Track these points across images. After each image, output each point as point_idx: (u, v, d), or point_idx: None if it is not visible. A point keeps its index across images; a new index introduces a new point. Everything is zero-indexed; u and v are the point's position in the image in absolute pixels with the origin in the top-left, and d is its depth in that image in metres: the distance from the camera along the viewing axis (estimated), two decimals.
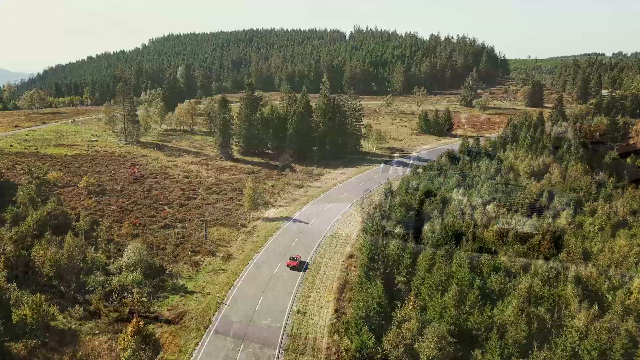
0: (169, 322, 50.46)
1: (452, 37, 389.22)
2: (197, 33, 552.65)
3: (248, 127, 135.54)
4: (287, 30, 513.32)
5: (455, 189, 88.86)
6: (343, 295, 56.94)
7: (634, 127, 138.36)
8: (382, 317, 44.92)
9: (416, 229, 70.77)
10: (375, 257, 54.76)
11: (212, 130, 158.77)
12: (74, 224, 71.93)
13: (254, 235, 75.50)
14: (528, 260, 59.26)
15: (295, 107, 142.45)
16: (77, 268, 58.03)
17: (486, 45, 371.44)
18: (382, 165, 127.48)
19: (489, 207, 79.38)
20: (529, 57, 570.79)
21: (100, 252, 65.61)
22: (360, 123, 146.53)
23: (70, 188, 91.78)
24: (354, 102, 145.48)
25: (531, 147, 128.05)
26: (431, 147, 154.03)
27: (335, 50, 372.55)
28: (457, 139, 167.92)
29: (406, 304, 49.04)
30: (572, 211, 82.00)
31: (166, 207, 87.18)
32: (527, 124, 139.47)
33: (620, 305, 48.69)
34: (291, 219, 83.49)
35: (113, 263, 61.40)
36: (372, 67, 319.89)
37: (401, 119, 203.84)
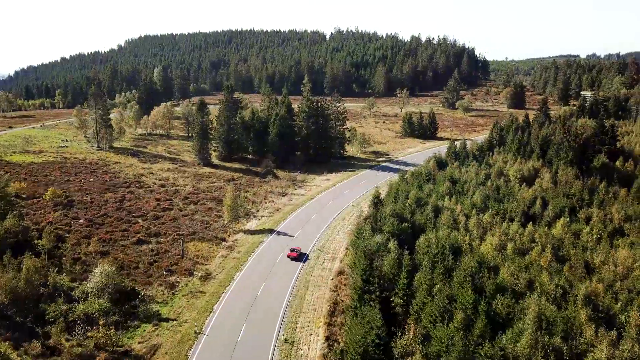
0: (139, 358, 44.68)
1: (433, 39, 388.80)
2: (174, 33, 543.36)
3: (227, 132, 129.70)
4: (266, 31, 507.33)
5: (446, 197, 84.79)
6: (334, 319, 51.93)
7: (620, 130, 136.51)
8: (382, 351, 40.07)
9: (410, 242, 66.41)
10: (370, 278, 49.89)
11: (190, 135, 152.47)
12: (36, 241, 65.43)
13: (235, 251, 70.00)
14: (531, 275, 55.24)
15: (277, 110, 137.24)
16: (37, 295, 51.87)
17: (467, 46, 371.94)
18: (368, 170, 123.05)
19: (484, 217, 75.41)
20: (506, 58, 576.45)
21: (64, 274, 59.34)
22: (344, 127, 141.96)
23: (34, 200, 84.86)
24: (338, 104, 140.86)
25: (519, 150, 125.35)
26: (416, 150, 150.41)
27: (315, 51, 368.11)
28: (441, 142, 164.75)
29: (406, 332, 44.41)
30: (567, 219, 78.77)
31: (140, 220, 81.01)
32: (514, 127, 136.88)
33: (636, 328, 44.90)
34: (275, 231, 78.20)
35: (78, 287, 55.20)
36: (354, 68, 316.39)
37: (384, 122, 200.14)
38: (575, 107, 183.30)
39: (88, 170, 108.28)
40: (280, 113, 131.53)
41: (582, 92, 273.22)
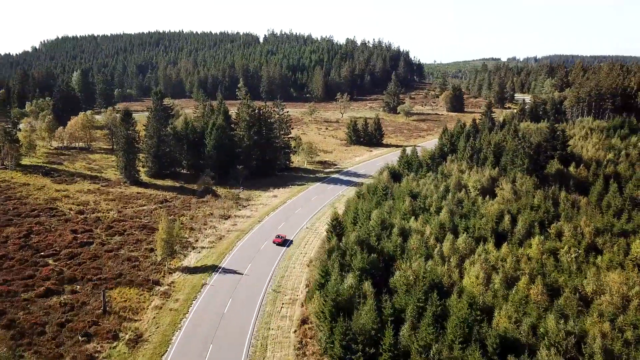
0: None
1: (368, 42, 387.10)
2: (96, 35, 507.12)
3: (158, 144, 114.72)
4: (197, 32, 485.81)
5: (412, 218, 76.22)
6: None
7: (570, 133, 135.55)
8: None
9: (383, 277, 56.91)
10: (352, 344, 39.45)
11: (115, 147, 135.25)
12: None
13: (172, 299, 57.08)
14: (532, 319, 47.24)
15: (214, 118, 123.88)
16: None
17: (402, 50, 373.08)
18: (318, 183, 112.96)
19: (458, 241, 67.40)
20: (435, 61, 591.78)
21: None
22: (289, 136, 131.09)
23: None
24: (282, 111, 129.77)
25: (472, 158, 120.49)
26: (364, 159, 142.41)
27: (249, 54, 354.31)
28: (388, 149, 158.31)
29: None
30: (542, 237, 72.70)
31: (50, 261, 65.86)
32: (465, 133, 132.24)
33: None
34: (219, 267, 65.87)
35: None
36: (290, 72, 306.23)
37: (327, 128, 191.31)
38: (516, 111, 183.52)
39: None
40: (218, 122, 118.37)
41: (516, 95, 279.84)
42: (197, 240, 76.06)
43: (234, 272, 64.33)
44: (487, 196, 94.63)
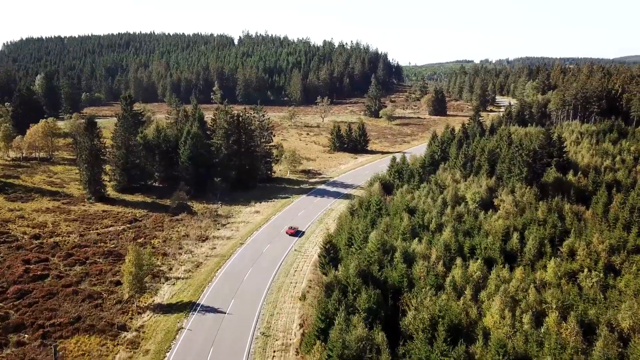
0: None
1: (346, 43, 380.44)
2: (63, 36, 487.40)
3: (126, 155, 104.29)
4: (169, 34, 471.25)
5: (415, 240, 68.28)
6: None
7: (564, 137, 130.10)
8: None
9: (391, 317, 48.74)
10: None
11: (78, 160, 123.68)
12: None
13: (141, 350, 47.54)
14: None
15: (188, 126, 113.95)
16: None
17: (380, 52, 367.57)
18: (303, 196, 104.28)
19: (471, 267, 59.74)
20: (409, 63, 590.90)
21: None
22: (270, 143, 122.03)
23: None
24: (262, 118, 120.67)
25: (465, 166, 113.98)
26: (350, 167, 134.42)
27: (224, 56, 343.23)
28: (373, 155, 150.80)
29: None
30: (559, 260, 65.94)
31: None
32: (457, 140, 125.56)
33: None
34: (198, 304, 56.54)
35: None
36: (267, 74, 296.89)
37: (308, 133, 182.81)
38: (502, 114, 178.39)
39: None
40: (192, 130, 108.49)
41: (497, 97, 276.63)
42: (170, 269, 66.46)
43: (215, 310, 55.07)
44: (490, 210, 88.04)
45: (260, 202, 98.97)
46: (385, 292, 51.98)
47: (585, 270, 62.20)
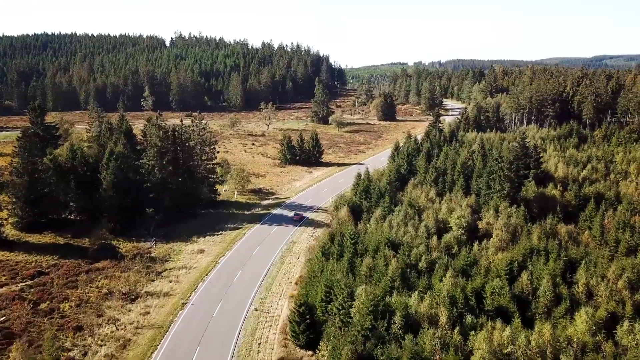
0: None
1: (286, 45, 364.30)
2: None
3: (31, 183, 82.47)
4: (92, 35, 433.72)
5: (414, 295, 53.37)
6: None
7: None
8: None
9: None
10: None
11: None
12: None
13: None
14: None
15: (112, 144, 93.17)
16: None
17: (322, 54, 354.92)
18: (257, 225, 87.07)
19: (496, 336, 45.73)
20: (347, 66, 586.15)
21: None
22: (214, 161, 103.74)
23: None
24: (203, 130, 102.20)
25: (437, 181, 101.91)
26: (306, 184, 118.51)
27: (155, 59, 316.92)
28: (329, 168, 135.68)
29: None
30: (589, 311, 53.04)
31: None
32: (426, 151, 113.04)
33: None
34: None
35: None
36: (203, 78, 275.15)
37: (253, 144, 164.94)
38: (458, 119, 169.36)
39: None
40: (117, 149, 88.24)
41: (444, 100, 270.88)
42: (85, 354, 47.61)
43: None
44: (478, 236, 76.16)
45: (205, 237, 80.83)
46: None
47: (626, 324, 50.20)
